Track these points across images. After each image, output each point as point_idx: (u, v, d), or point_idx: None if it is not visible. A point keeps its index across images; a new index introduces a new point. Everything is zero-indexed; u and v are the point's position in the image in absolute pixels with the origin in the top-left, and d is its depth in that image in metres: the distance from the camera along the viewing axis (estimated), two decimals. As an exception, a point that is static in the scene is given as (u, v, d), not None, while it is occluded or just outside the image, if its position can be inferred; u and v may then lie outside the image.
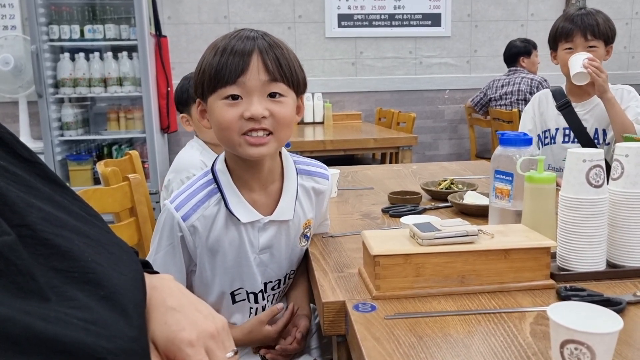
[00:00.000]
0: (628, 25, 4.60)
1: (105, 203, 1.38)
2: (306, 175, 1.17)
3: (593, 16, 1.76)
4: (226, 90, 0.99)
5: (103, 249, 0.55)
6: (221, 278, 1.11)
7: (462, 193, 1.51)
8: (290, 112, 1.03)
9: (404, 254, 0.90)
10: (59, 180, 0.60)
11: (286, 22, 4.28)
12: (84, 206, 0.60)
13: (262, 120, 0.99)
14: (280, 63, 1.00)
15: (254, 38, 1.00)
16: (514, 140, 1.17)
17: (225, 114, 0.99)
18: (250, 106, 0.98)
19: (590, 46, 1.76)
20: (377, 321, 0.83)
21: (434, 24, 4.42)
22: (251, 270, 1.11)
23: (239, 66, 0.97)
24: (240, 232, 1.08)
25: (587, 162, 0.94)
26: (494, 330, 0.79)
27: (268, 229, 1.10)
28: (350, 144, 3.13)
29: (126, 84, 3.64)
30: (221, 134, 1.03)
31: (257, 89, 0.98)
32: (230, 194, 1.07)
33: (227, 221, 1.07)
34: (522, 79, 3.74)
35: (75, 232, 0.53)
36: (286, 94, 1.02)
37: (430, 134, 4.56)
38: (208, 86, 1.01)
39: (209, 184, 1.09)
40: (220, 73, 0.98)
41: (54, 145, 3.61)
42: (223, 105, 1.00)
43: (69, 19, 3.64)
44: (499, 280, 0.92)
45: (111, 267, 0.54)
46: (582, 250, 0.96)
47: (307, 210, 1.16)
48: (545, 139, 1.91)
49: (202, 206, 1.06)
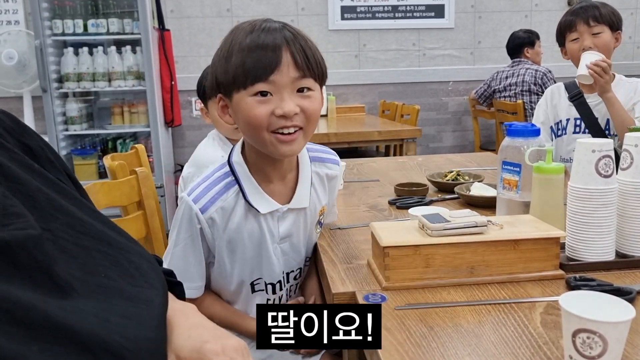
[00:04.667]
0: (633, 16, 4.57)
1: (113, 196, 1.38)
2: (319, 162, 1.18)
3: (596, 7, 1.78)
4: (256, 87, 0.97)
5: (123, 258, 0.56)
6: (241, 269, 1.12)
7: (468, 184, 1.51)
8: (318, 107, 1.02)
9: (413, 245, 0.91)
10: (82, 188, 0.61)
11: (289, 15, 4.26)
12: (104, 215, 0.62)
13: (293, 117, 0.98)
14: (308, 57, 0.99)
15: (279, 29, 0.98)
16: (521, 131, 1.17)
17: (255, 111, 0.97)
18: (282, 103, 0.97)
19: (595, 33, 1.76)
20: (387, 312, 0.83)
21: (437, 16, 4.40)
22: (270, 261, 1.12)
23: (271, 63, 0.95)
24: (260, 223, 1.09)
25: (596, 152, 0.94)
26: (505, 320, 0.79)
27: (287, 218, 1.11)
28: (354, 136, 3.13)
29: (130, 78, 3.64)
30: (250, 132, 1.01)
31: (287, 85, 0.97)
32: (248, 185, 1.07)
33: (246, 213, 1.08)
34: (527, 70, 3.72)
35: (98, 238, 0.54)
36: (314, 88, 1.02)
37: (434, 126, 4.55)
38: (235, 82, 0.98)
39: (226, 176, 1.09)
40: (251, 70, 0.96)
41: (59, 139, 3.61)
42: (253, 102, 0.97)
43: (72, 14, 3.64)
44: (509, 271, 0.93)
45: (127, 280, 0.54)
46: (591, 240, 0.96)
47: (321, 197, 1.18)
48: (558, 131, 1.91)
49: (220, 198, 1.07)
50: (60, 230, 0.50)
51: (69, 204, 0.54)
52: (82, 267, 0.50)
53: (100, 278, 0.52)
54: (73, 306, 0.45)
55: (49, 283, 0.45)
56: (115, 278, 0.53)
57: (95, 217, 0.57)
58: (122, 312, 0.50)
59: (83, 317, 0.45)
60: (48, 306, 0.43)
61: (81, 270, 0.50)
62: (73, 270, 0.49)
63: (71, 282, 0.47)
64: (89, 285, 0.50)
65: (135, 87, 3.65)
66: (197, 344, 0.58)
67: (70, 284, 0.47)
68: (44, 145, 0.59)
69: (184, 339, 0.59)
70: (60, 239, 0.50)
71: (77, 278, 0.49)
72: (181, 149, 4.20)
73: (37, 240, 0.45)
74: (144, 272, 0.57)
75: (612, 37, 1.79)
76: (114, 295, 0.52)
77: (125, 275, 0.55)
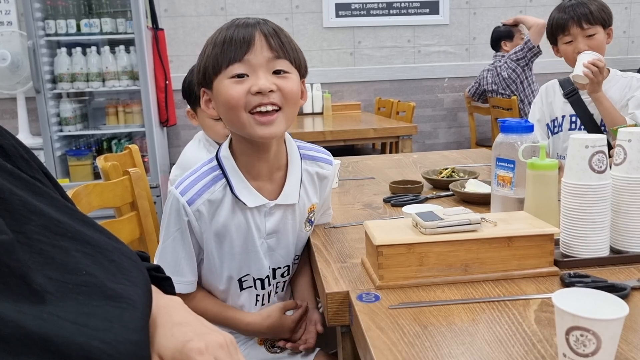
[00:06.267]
0: (627, 10, 4.57)
1: (106, 198, 1.37)
2: (310, 160, 1.18)
3: (585, 4, 1.75)
4: (232, 69, 1.00)
5: (103, 257, 0.55)
6: (229, 264, 1.12)
7: (463, 181, 1.51)
8: (296, 88, 1.04)
9: (407, 244, 0.90)
10: (59, 185, 0.60)
11: (283, 13, 4.25)
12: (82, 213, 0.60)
13: (269, 94, 1.00)
14: (282, 40, 1.02)
15: (255, 24, 1.02)
16: (515, 127, 1.16)
17: (231, 91, 1.00)
18: (257, 80, 0.99)
19: (589, 35, 1.75)
20: (381, 311, 0.82)
21: (432, 12, 4.39)
22: (258, 256, 1.12)
23: (244, 44, 0.99)
24: (247, 217, 1.09)
25: (589, 148, 0.94)
26: (499, 318, 0.79)
27: (274, 214, 1.11)
28: (350, 134, 3.12)
29: (124, 78, 3.62)
30: (229, 114, 1.02)
31: (262, 65, 1.00)
32: (235, 179, 1.07)
33: (233, 206, 1.08)
34: (502, 65, 3.75)
35: (76, 238, 0.53)
36: (290, 70, 1.03)
37: (429, 123, 4.55)
38: (213, 69, 1.01)
39: (213, 170, 1.09)
40: (226, 53, 0.99)
41: (53, 140, 3.59)
42: (229, 83, 1.00)
43: (64, 14, 3.62)
44: (503, 268, 0.92)
45: (109, 277, 0.53)
46: (586, 236, 0.95)
47: (311, 195, 1.17)
48: (555, 128, 1.90)
49: (208, 191, 1.07)
50: (35, 232, 0.49)
51: (44, 204, 0.52)
52: (60, 267, 0.49)
53: (81, 276, 0.50)
54: (49, 313, 0.44)
55: (23, 290, 0.44)
56: (97, 275, 0.52)
57: (72, 216, 0.55)
58: (103, 314, 0.49)
59: (60, 325, 0.44)
60: (22, 316, 0.42)
61: (59, 271, 0.49)
62: (50, 273, 0.48)
63: (48, 287, 0.46)
64: (67, 287, 0.49)
65: (129, 87, 3.63)
66: (180, 343, 0.57)
67: (47, 288, 0.46)
68: (17, 144, 0.57)
69: (167, 339, 0.57)
70: (36, 242, 0.49)
71: (54, 280, 0.48)
72: (176, 149, 4.18)
73: (8, 246, 0.44)
74: (125, 271, 0.56)
75: (605, 34, 1.78)
76: (95, 295, 0.50)
77: (107, 273, 0.54)
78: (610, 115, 1.71)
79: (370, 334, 0.76)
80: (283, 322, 1.15)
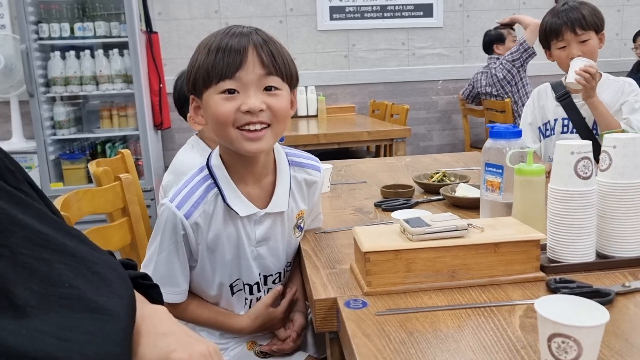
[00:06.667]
0: (620, 12, 4.60)
1: (97, 204, 1.38)
2: (298, 167, 1.18)
3: (578, 9, 1.76)
4: (222, 85, 0.99)
5: (86, 269, 0.55)
6: (221, 272, 1.13)
7: (454, 186, 1.51)
8: (286, 105, 1.04)
9: (394, 250, 0.91)
10: (45, 196, 0.60)
11: (277, 16, 4.25)
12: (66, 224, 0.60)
13: (259, 113, 1.00)
14: (275, 57, 1.02)
15: (248, 34, 1.01)
16: (503, 132, 1.17)
17: (221, 107, 1.00)
18: (247, 99, 0.99)
19: (582, 41, 1.75)
20: (368, 317, 0.83)
21: (425, 15, 4.41)
22: (248, 263, 1.13)
23: (236, 61, 0.98)
24: (237, 227, 1.09)
25: (575, 154, 0.94)
26: (484, 324, 0.80)
27: (264, 222, 1.12)
28: (344, 137, 3.13)
29: (118, 81, 3.62)
30: (217, 128, 1.03)
31: (253, 83, 1.00)
32: (227, 188, 1.08)
33: (225, 216, 1.08)
34: (497, 67, 3.76)
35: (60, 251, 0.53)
36: (281, 87, 1.03)
37: (424, 125, 4.56)
38: (204, 81, 1.01)
39: (205, 180, 1.09)
40: (217, 68, 0.99)
41: (47, 144, 3.59)
42: (219, 100, 1.00)
43: (58, 17, 3.62)
44: (490, 274, 0.93)
45: (92, 289, 0.53)
46: (572, 241, 0.96)
47: (299, 202, 1.18)
48: (547, 131, 1.90)
49: (202, 202, 1.07)
50: (18, 245, 0.49)
51: (28, 216, 0.52)
52: (43, 280, 0.49)
53: (63, 289, 0.51)
54: (30, 328, 0.45)
55: (5, 304, 0.44)
56: (80, 288, 0.52)
57: (57, 228, 0.55)
58: (85, 327, 0.49)
59: (40, 339, 0.44)
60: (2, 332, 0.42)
61: (42, 283, 0.49)
62: (33, 285, 0.48)
63: (29, 300, 0.47)
64: (49, 300, 0.49)
65: (123, 90, 3.63)
66: (164, 354, 0.57)
67: (29, 302, 0.46)
68: (2, 155, 0.57)
69: (151, 349, 0.57)
70: (19, 254, 0.49)
71: (36, 293, 0.48)
72: (171, 152, 4.18)
73: None
74: (109, 282, 0.57)
75: (598, 39, 1.79)
76: (77, 308, 0.51)
77: (90, 285, 0.54)
78: (605, 120, 1.71)
79: (356, 340, 0.76)
80: (272, 316, 1.15)
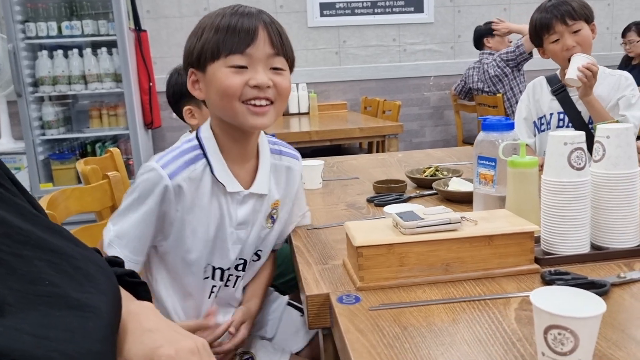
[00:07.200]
0: (610, 7, 4.61)
1: (85, 202, 1.35)
2: (278, 155, 1.20)
3: (566, 2, 1.75)
4: (232, 59, 1.01)
5: (68, 266, 0.53)
6: (198, 249, 1.09)
7: (446, 180, 1.50)
8: (289, 85, 1.08)
9: (387, 244, 0.89)
10: (26, 191, 0.58)
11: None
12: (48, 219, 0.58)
13: (266, 89, 1.03)
14: (282, 38, 1.05)
15: (257, 13, 1.04)
16: (496, 125, 1.16)
17: (230, 80, 1.01)
18: (256, 74, 1.01)
19: (574, 31, 1.74)
20: (361, 313, 0.82)
21: (416, 10, 4.40)
22: (226, 245, 1.11)
23: (248, 37, 1.01)
24: (221, 204, 1.09)
25: (568, 144, 0.94)
26: (479, 317, 0.78)
27: (246, 203, 1.12)
28: (336, 133, 3.11)
29: (107, 80, 3.59)
30: (223, 102, 1.03)
31: (262, 60, 1.02)
32: (215, 161, 1.07)
33: (212, 188, 1.08)
34: (489, 63, 3.74)
35: (40, 247, 0.51)
36: (285, 68, 1.07)
37: (416, 121, 4.56)
38: (212, 54, 1.01)
39: (194, 149, 1.08)
40: (228, 43, 1.00)
41: (36, 144, 3.55)
42: (228, 72, 1.01)
43: (45, 16, 3.57)
44: (484, 267, 0.92)
45: (74, 286, 0.52)
46: (566, 233, 0.95)
47: (275, 191, 1.18)
48: (542, 126, 1.89)
49: (189, 168, 1.05)
50: None
51: (7, 211, 0.51)
52: (22, 278, 0.48)
53: (43, 287, 0.49)
54: (7, 326, 0.43)
55: None
56: (61, 285, 0.51)
57: (37, 223, 0.54)
58: (65, 324, 0.48)
59: (17, 337, 0.43)
60: None
61: (21, 281, 0.47)
62: (11, 283, 0.47)
63: (8, 298, 0.45)
64: (28, 298, 0.47)
65: (112, 89, 3.60)
66: (150, 350, 0.55)
67: (7, 299, 0.45)
68: None
69: (137, 346, 0.56)
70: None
71: (15, 291, 0.46)
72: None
73: None
74: (91, 278, 0.55)
75: (590, 29, 1.78)
76: (58, 305, 0.49)
77: (72, 282, 0.52)
78: (601, 117, 1.70)
79: (349, 336, 0.75)
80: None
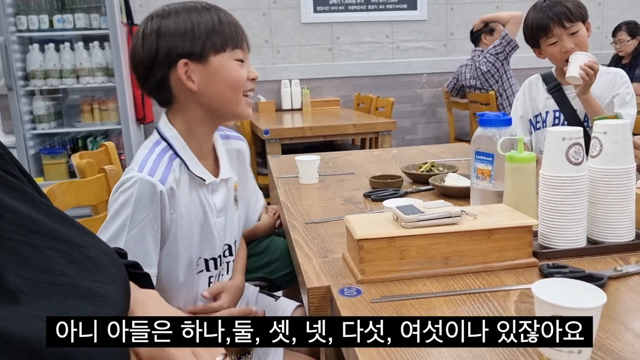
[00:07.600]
0: (601, 6, 4.66)
1: (81, 196, 1.35)
2: (226, 139, 1.26)
3: (561, 3, 1.74)
4: (237, 53, 1.09)
5: (79, 254, 0.53)
6: (188, 248, 1.12)
7: (443, 175, 1.51)
8: None
9: (387, 237, 0.90)
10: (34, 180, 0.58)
11: (261, 8, 4.22)
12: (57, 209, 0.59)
13: (254, 82, 1.14)
14: None
15: (222, 9, 1.12)
16: (493, 120, 1.17)
17: (241, 72, 1.10)
18: (251, 69, 1.13)
19: (572, 33, 1.74)
20: (363, 305, 0.82)
21: (410, 8, 4.41)
22: (212, 235, 1.15)
23: (244, 35, 1.12)
24: (201, 197, 1.13)
25: (566, 140, 0.95)
26: (479, 309, 0.79)
27: (219, 190, 1.17)
28: (329, 130, 3.12)
29: (99, 74, 3.56)
30: (229, 92, 1.10)
31: (248, 57, 1.14)
32: (187, 157, 1.11)
33: (190, 184, 1.11)
34: (481, 60, 3.77)
35: (50, 236, 0.51)
36: None
37: (409, 118, 4.57)
38: (222, 44, 1.07)
39: (166, 150, 1.10)
40: (233, 35, 1.08)
41: (26, 139, 3.52)
42: (236, 65, 1.09)
43: (37, 9, 3.54)
44: (483, 260, 0.93)
45: (85, 276, 0.52)
46: (563, 227, 0.97)
47: (233, 173, 1.24)
48: (537, 124, 1.89)
49: (171, 169, 1.08)
50: (7, 230, 0.47)
51: (18, 200, 0.51)
52: (35, 267, 0.48)
53: (55, 276, 0.49)
54: (24, 313, 0.43)
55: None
56: (72, 275, 0.51)
57: (47, 212, 0.54)
58: (80, 312, 0.48)
59: (35, 325, 0.43)
60: None
61: (34, 270, 0.47)
62: (25, 272, 0.47)
63: (22, 286, 0.45)
64: (42, 287, 0.47)
65: (104, 83, 3.57)
66: None
67: (21, 288, 0.45)
68: None
69: None
70: (8, 240, 0.47)
71: (29, 280, 0.46)
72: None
73: None
74: (103, 267, 0.55)
75: (585, 29, 1.79)
76: (71, 294, 0.49)
77: (83, 271, 0.52)
78: (597, 115, 1.71)
79: (352, 328, 0.75)
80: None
